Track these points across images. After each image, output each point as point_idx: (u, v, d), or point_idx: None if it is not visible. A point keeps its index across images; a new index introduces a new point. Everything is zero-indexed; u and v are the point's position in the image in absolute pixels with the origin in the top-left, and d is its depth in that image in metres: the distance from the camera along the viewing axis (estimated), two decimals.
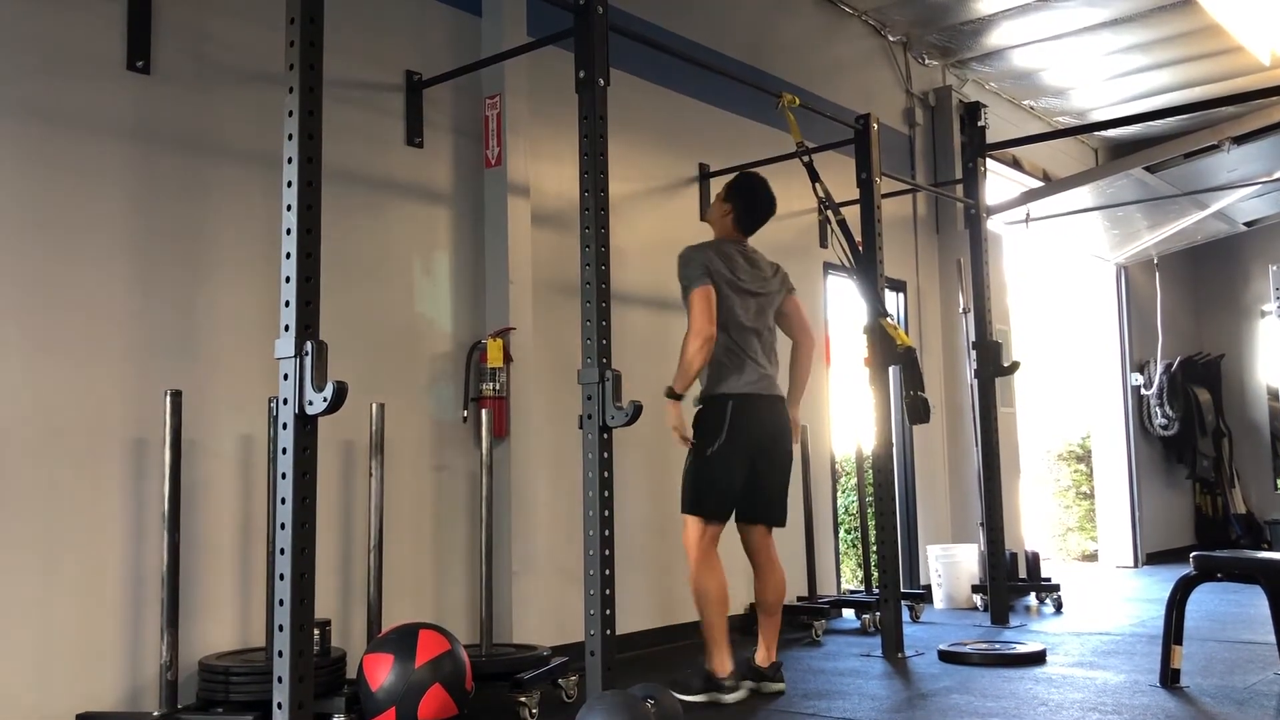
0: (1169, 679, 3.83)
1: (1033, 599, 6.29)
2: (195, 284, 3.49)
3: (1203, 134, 7.00)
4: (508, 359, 4.23)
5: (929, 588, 6.39)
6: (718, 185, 5.35)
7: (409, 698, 3.04)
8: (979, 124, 6.15)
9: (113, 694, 3.16)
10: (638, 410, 3.20)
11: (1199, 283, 10.13)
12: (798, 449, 4.58)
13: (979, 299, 5.89)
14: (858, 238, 4.62)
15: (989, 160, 6.38)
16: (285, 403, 2.61)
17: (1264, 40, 6.89)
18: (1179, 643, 3.84)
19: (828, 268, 6.21)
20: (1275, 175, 7.55)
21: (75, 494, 3.14)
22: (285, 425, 2.61)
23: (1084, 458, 9.59)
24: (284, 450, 2.61)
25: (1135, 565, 8.75)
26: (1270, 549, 8.91)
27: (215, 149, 3.58)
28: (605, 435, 3.27)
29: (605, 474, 3.25)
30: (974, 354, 5.93)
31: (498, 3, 4.43)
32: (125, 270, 3.32)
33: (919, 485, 6.74)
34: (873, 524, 4.95)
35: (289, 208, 2.66)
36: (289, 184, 2.67)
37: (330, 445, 3.67)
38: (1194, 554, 3.85)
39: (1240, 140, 6.83)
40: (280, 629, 2.56)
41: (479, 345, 4.25)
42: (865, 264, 4.58)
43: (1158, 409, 9.11)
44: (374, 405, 3.63)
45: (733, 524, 3.88)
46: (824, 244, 6.11)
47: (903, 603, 4.96)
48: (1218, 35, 6.77)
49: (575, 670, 3.67)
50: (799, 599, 5.40)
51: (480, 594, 3.84)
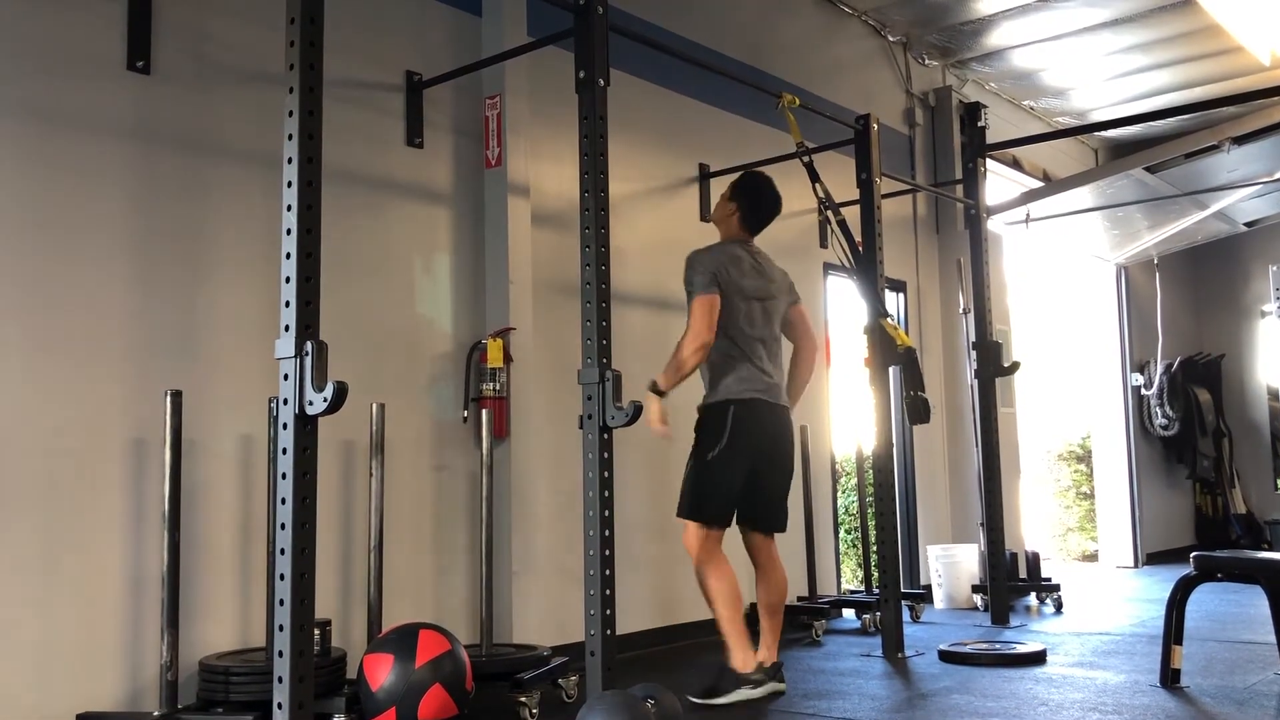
0: (1169, 679, 3.83)
1: (1033, 599, 6.29)
2: (195, 284, 3.49)
3: (1203, 134, 6.99)
4: (508, 359, 4.23)
5: (929, 588, 6.39)
6: (718, 185, 5.36)
7: (409, 698, 3.04)
8: (979, 124, 6.16)
9: (113, 694, 3.17)
10: (638, 410, 3.21)
11: (1199, 283, 10.13)
12: (797, 449, 4.57)
13: (979, 299, 5.89)
14: (858, 238, 4.61)
15: (989, 160, 6.39)
16: (285, 403, 2.61)
17: (1264, 40, 6.89)
18: (1179, 643, 3.84)
19: (828, 268, 6.21)
20: (1275, 175, 7.54)
21: (75, 494, 3.14)
22: (285, 425, 2.61)
23: (1084, 458, 9.59)
24: (284, 450, 2.61)
25: (1135, 565, 8.75)
26: (1270, 549, 8.90)
27: (215, 149, 3.59)
28: (605, 435, 3.27)
29: (605, 474, 3.25)
30: (974, 354, 5.93)
31: (498, 3, 4.43)
32: (125, 270, 3.33)
33: (919, 485, 6.74)
34: (873, 524, 4.95)
35: (289, 208, 2.67)
36: (289, 184, 2.67)
37: (330, 445, 3.67)
38: (1194, 554, 3.85)
39: (1240, 140, 6.83)
40: (280, 629, 2.56)
41: (479, 345, 4.25)
42: (865, 264, 4.58)
43: (1158, 409, 9.11)
44: (374, 405, 3.63)
45: (734, 524, 3.87)
46: (824, 244, 6.12)
47: (903, 603, 4.96)
48: (1218, 35, 6.77)
49: (575, 670, 3.67)
50: (799, 599, 5.40)
51: (480, 594, 3.84)
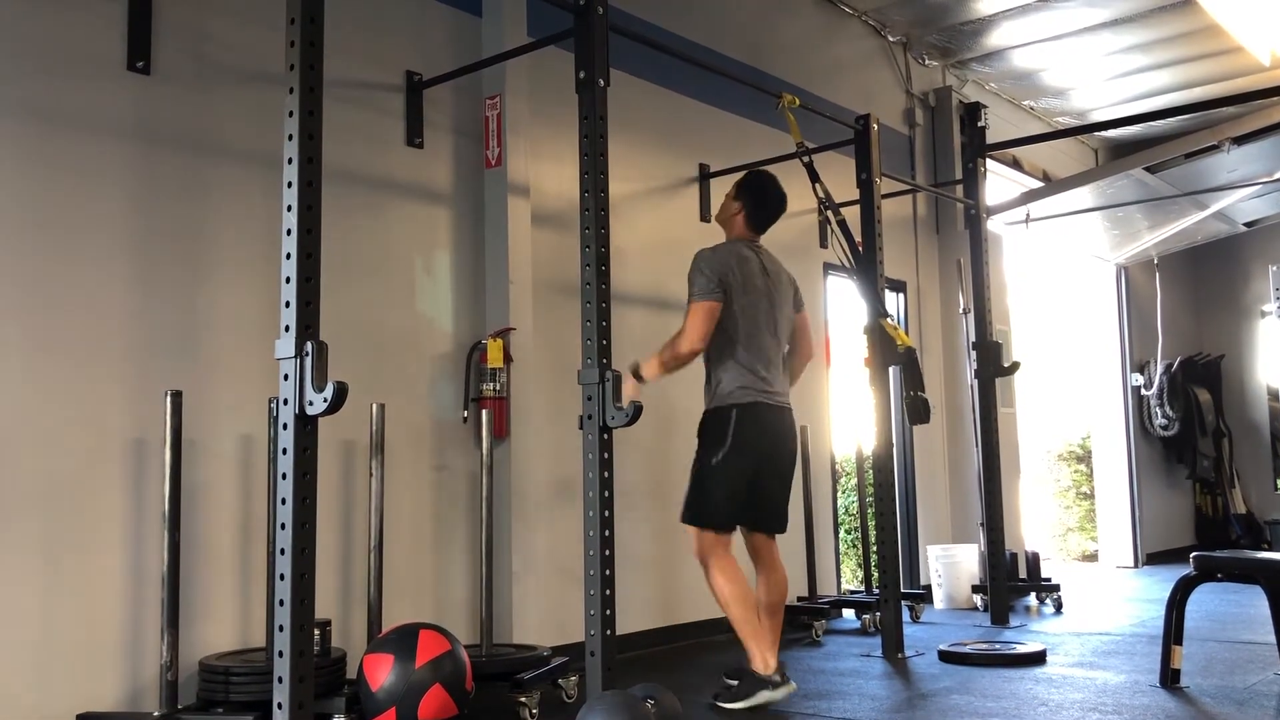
0: (1169, 679, 3.83)
1: (1033, 599, 6.29)
2: (195, 284, 3.49)
3: (1203, 134, 6.99)
4: (508, 359, 4.23)
5: (929, 588, 6.39)
6: (718, 185, 5.36)
7: (409, 698, 3.04)
8: (979, 124, 6.16)
9: (113, 694, 3.17)
10: (638, 411, 3.20)
11: (1199, 283, 10.13)
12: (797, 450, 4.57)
13: (979, 299, 5.89)
14: (858, 238, 4.61)
15: (989, 160, 6.39)
16: (285, 403, 2.61)
17: (1264, 40, 6.89)
18: (1179, 643, 3.84)
19: (828, 268, 6.21)
20: (1275, 175, 7.54)
21: (75, 494, 3.14)
22: (285, 425, 2.61)
23: (1084, 458, 9.59)
24: (284, 450, 2.61)
25: (1135, 565, 8.75)
26: (1270, 549, 8.90)
27: (215, 149, 3.59)
28: (605, 435, 3.27)
29: (605, 474, 3.25)
30: (974, 354, 5.93)
31: (498, 3, 4.43)
32: (125, 270, 3.33)
33: (919, 485, 6.74)
34: (873, 524, 4.95)
35: (289, 208, 2.66)
36: (289, 184, 2.67)
37: (330, 445, 3.68)
38: (1194, 554, 3.85)
39: (1240, 141, 6.83)
40: (280, 629, 2.56)
41: (479, 345, 4.25)
42: (865, 264, 4.57)
43: (1158, 409, 9.11)
44: (374, 405, 3.63)
45: None
46: (824, 244, 6.12)
47: (903, 603, 4.96)
48: (1218, 36, 6.77)
49: (575, 670, 3.67)
50: (799, 599, 5.40)
51: (480, 594, 3.84)
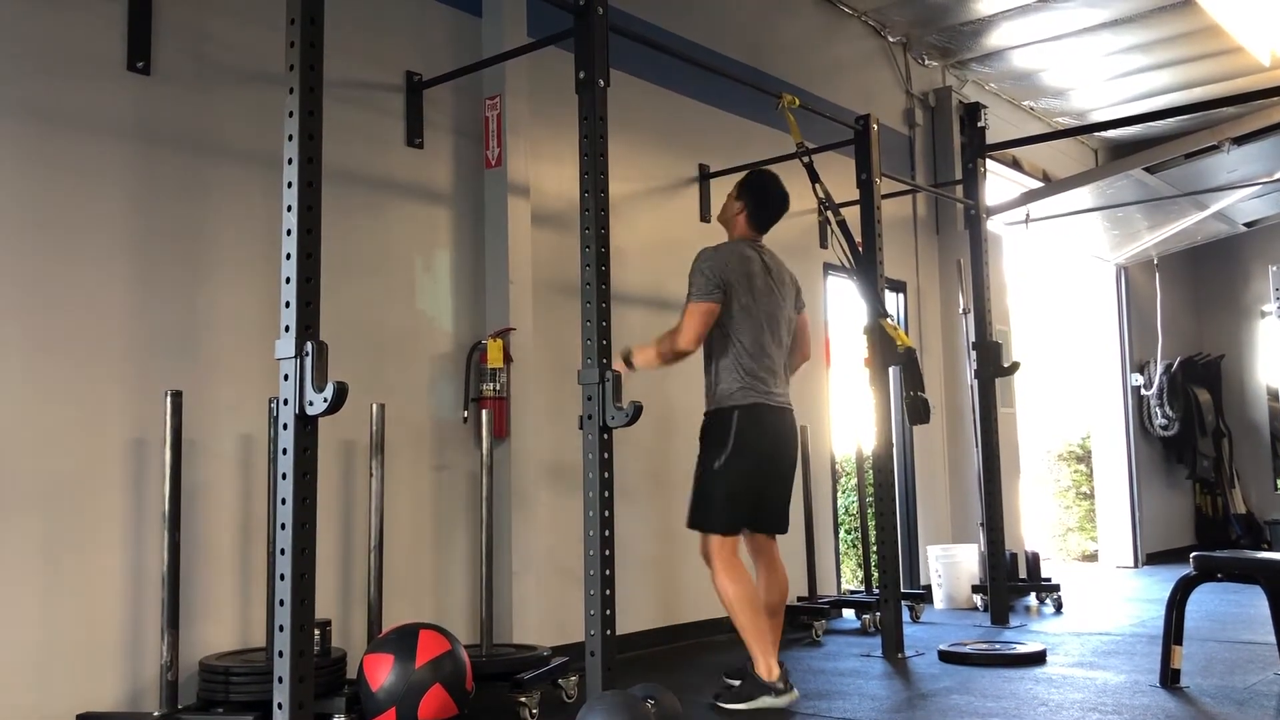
0: (1169, 679, 3.83)
1: (1033, 599, 6.29)
2: (195, 284, 3.49)
3: (1203, 134, 6.99)
4: (508, 359, 4.23)
5: (929, 588, 6.39)
6: (718, 186, 5.36)
7: (409, 698, 3.04)
8: (979, 124, 6.16)
9: (113, 694, 3.17)
10: (638, 411, 3.20)
11: (1199, 283, 10.13)
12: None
13: (979, 299, 5.90)
14: (858, 238, 4.61)
15: (989, 161, 6.39)
16: (285, 403, 2.61)
17: (1264, 41, 6.89)
18: (1179, 643, 3.84)
19: (828, 268, 6.21)
20: (1275, 176, 7.54)
21: (75, 494, 3.14)
22: (285, 426, 2.61)
23: (1084, 458, 9.59)
24: (284, 451, 2.61)
25: (1135, 565, 8.75)
26: (1270, 549, 8.90)
27: (215, 149, 3.59)
28: (605, 435, 3.27)
29: (605, 474, 3.25)
30: (974, 354, 5.93)
31: (498, 3, 4.43)
32: (125, 270, 3.33)
33: (919, 485, 6.74)
34: (873, 524, 4.95)
35: (289, 208, 2.66)
36: (289, 184, 2.67)
37: (330, 445, 3.68)
38: (1194, 554, 3.85)
39: (1240, 141, 6.83)
40: (280, 629, 2.56)
41: (479, 345, 4.25)
42: (865, 264, 4.57)
43: (1158, 409, 9.11)
44: (374, 406, 3.63)
45: None
46: (824, 244, 6.12)
47: (903, 603, 4.96)
48: (1218, 36, 6.77)
49: (575, 670, 3.67)
50: (799, 599, 5.40)
51: (480, 594, 3.84)
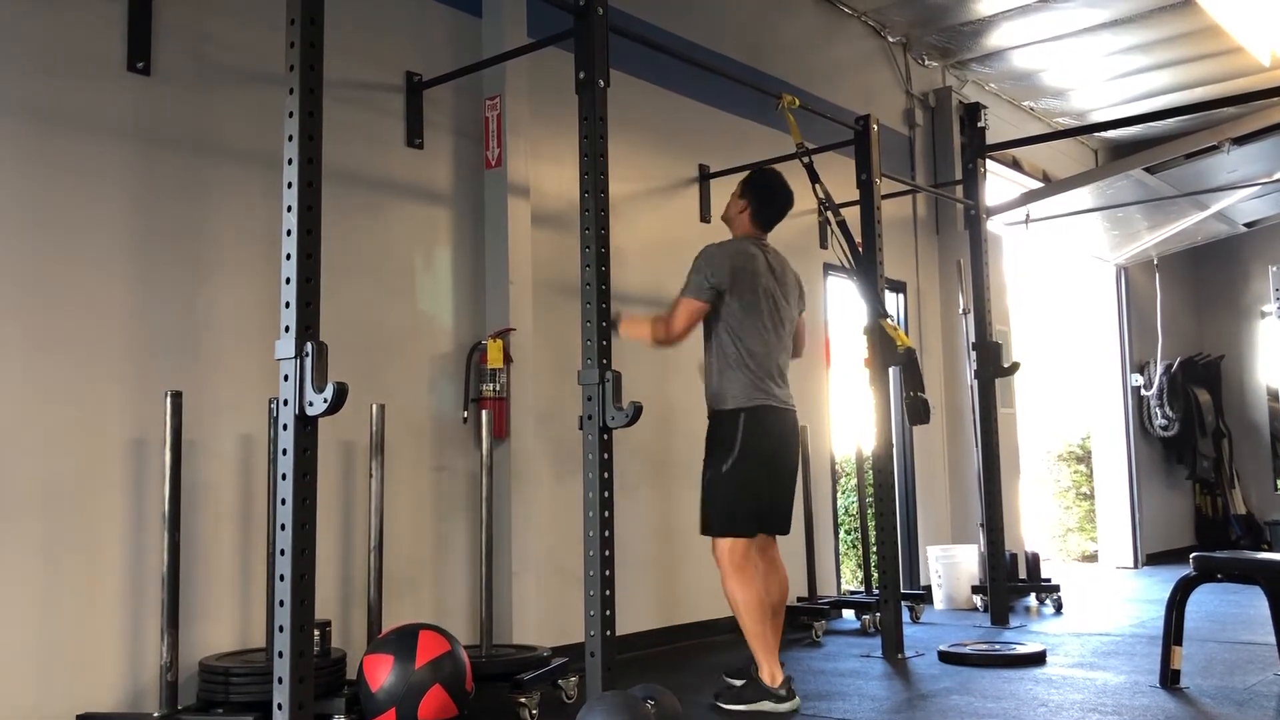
0: (1169, 680, 3.83)
1: (1033, 600, 6.29)
2: (195, 284, 3.49)
3: (1203, 135, 6.99)
4: (508, 360, 4.23)
5: (929, 588, 6.39)
6: (718, 186, 5.36)
7: (409, 698, 3.04)
8: (979, 125, 6.16)
9: (113, 695, 3.17)
10: (638, 411, 3.20)
11: (1199, 283, 10.13)
12: None
13: (979, 300, 5.89)
14: (858, 239, 4.61)
15: (989, 161, 6.39)
16: (285, 404, 2.61)
17: (1264, 41, 6.89)
18: (1179, 643, 3.84)
19: (828, 268, 6.21)
20: (1275, 176, 7.54)
21: (75, 494, 3.14)
22: (285, 426, 2.61)
23: (1084, 458, 9.59)
24: (284, 451, 2.61)
25: (1135, 566, 8.75)
26: (1270, 550, 8.91)
27: (215, 149, 3.58)
28: (605, 436, 3.27)
29: (605, 474, 3.25)
30: (974, 355, 5.93)
31: (498, 4, 4.43)
32: (125, 270, 3.32)
33: (919, 486, 6.74)
34: (873, 524, 4.95)
35: (289, 208, 2.66)
36: (289, 185, 2.67)
37: (330, 446, 3.68)
38: (1194, 555, 3.85)
39: (1240, 141, 6.83)
40: (280, 630, 2.56)
41: (479, 346, 4.25)
42: (865, 265, 4.57)
43: (1158, 410, 9.11)
44: (374, 406, 3.63)
45: None
46: (824, 245, 6.11)
47: (903, 603, 4.96)
48: (1218, 36, 6.77)
49: (575, 671, 3.67)
50: (799, 599, 5.40)
51: (480, 594, 3.84)
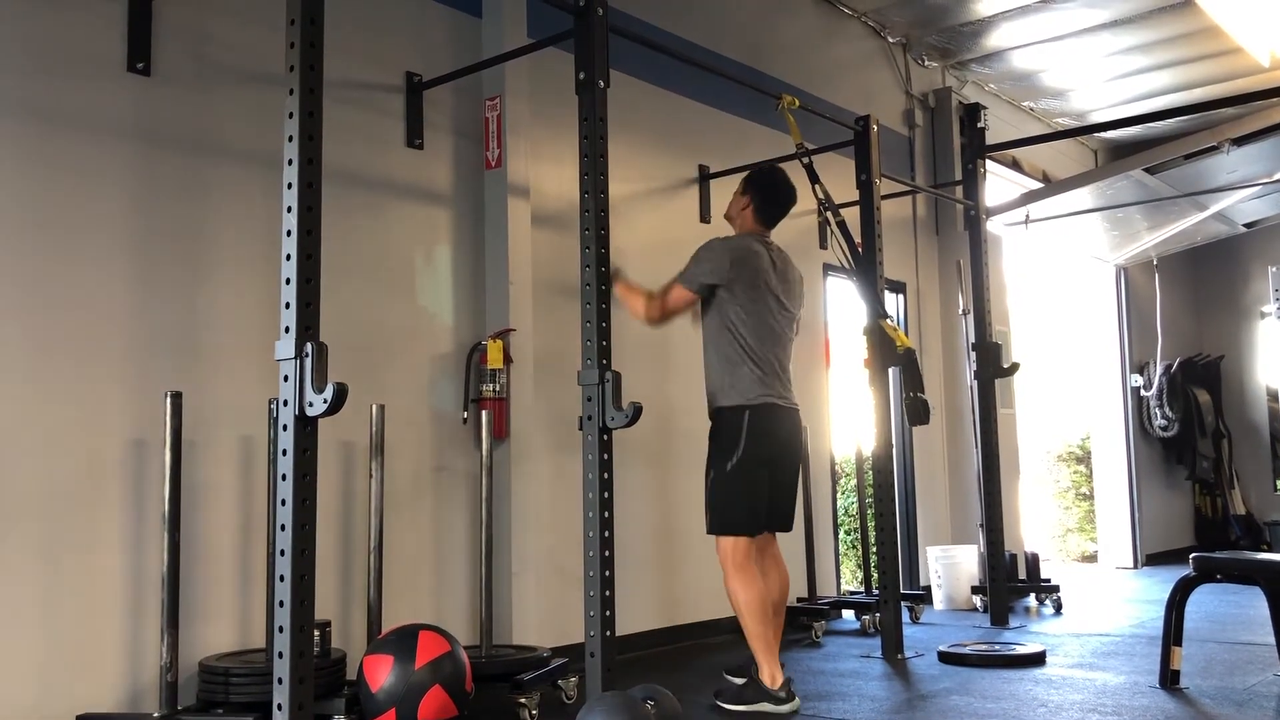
0: (1169, 680, 3.83)
1: (1032, 600, 6.29)
2: (195, 284, 3.49)
3: (1202, 135, 6.99)
4: (508, 360, 4.23)
5: (929, 589, 6.39)
6: (718, 186, 5.37)
7: (409, 699, 3.04)
8: (979, 125, 6.16)
9: (113, 695, 3.16)
10: (638, 411, 3.20)
11: (1199, 284, 10.14)
12: None
13: (979, 300, 5.90)
14: (857, 239, 4.61)
15: (989, 162, 6.39)
16: (285, 404, 2.61)
17: (1263, 42, 6.89)
18: (1178, 644, 3.85)
19: (827, 269, 6.21)
20: (1275, 176, 7.55)
21: (75, 494, 3.14)
22: (285, 427, 2.61)
23: (1084, 459, 9.59)
24: (284, 452, 2.61)
25: (1135, 566, 8.75)
26: (1270, 550, 8.91)
27: (215, 149, 3.58)
28: (605, 436, 3.27)
29: (605, 475, 3.25)
30: (974, 355, 5.93)
31: (498, 4, 4.43)
32: (125, 270, 3.32)
33: (919, 486, 6.74)
34: (872, 525, 4.95)
35: (289, 209, 2.66)
36: (289, 185, 2.67)
37: (330, 446, 3.68)
38: (1193, 555, 3.86)
39: (1240, 141, 6.83)
40: (280, 630, 2.56)
41: (479, 346, 4.25)
42: (865, 265, 4.57)
43: (1157, 410, 9.11)
44: (374, 406, 3.63)
45: None
46: (824, 245, 6.11)
47: (902, 604, 4.96)
48: (1217, 37, 6.77)
49: (575, 671, 3.67)
50: (799, 600, 5.40)
51: (480, 595, 3.84)
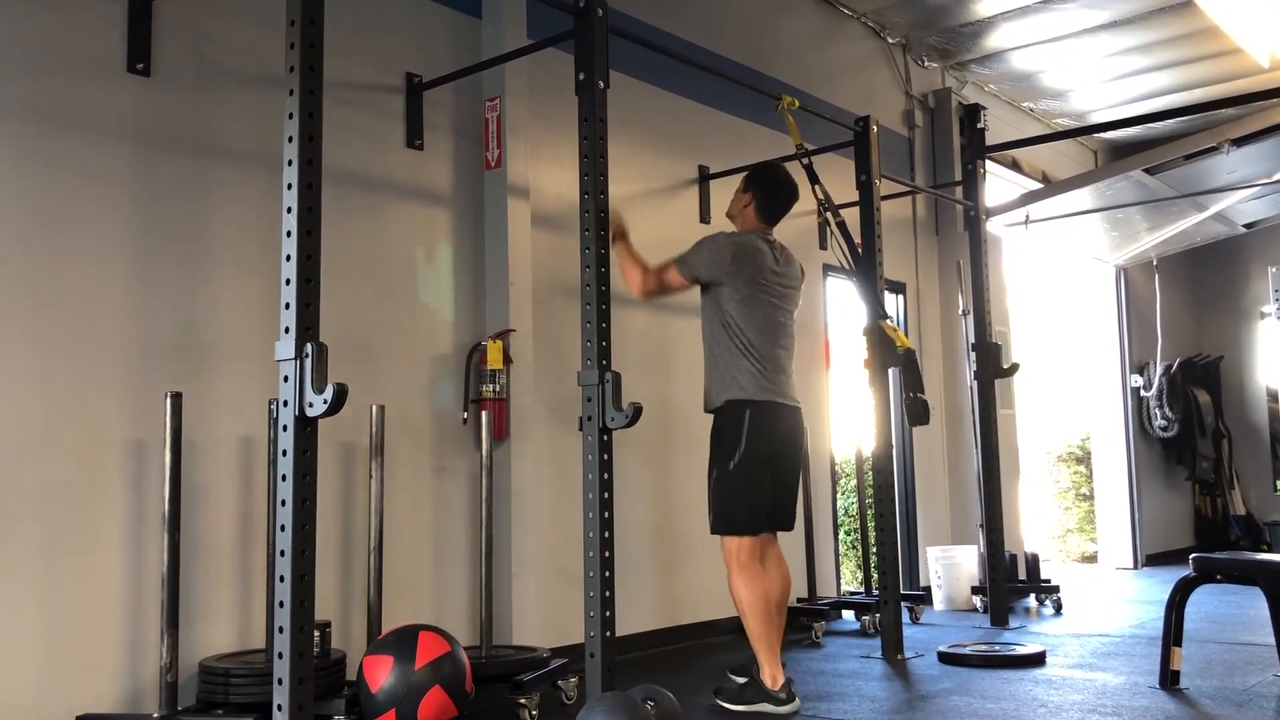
0: (1168, 680, 3.83)
1: (1032, 600, 6.29)
2: (195, 284, 3.49)
3: (1202, 136, 6.99)
4: (507, 360, 4.23)
5: (929, 589, 6.39)
6: (717, 187, 5.37)
7: (409, 699, 3.04)
8: (978, 126, 6.16)
9: (113, 695, 3.16)
10: (638, 412, 3.20)
11: (1198, 284, 10.14)
12: None
13: (978, 301, 5.90)
14: (857, 239, 4.61)
15: (988, 162, 6.39)
16: (285, 405, 2.61)
17: (1263, 42, 6.90)
18: (1178, 644, 3.85)
19: (827, 269, 6.21)
20: (1275, 177, 7.55)
21: (75, 494, 3.14)
22: (285, 427, 2.61)
23: (1084, 459, 9.59)
24: (284, 452, 2.61)
25: (1135, 567, 8.75)
26: (1270, 550, 8.91)
27: (215, 150, 3.59)
28: (605, 437, 3.27)
29: (605, 475, 3.25)
30: (973, 356, 5.93)
31: (498, 5, 4.43)
32: (125, 270, 3.33)
33: (919, 487, 6.74)
34: (872, 525, 4.95)
35: (289, 209, 2.67)
36: (289, 186, 2.67)
37: (330, 447, 3.68)
38: (1193, 555, 3.86)
39: (1239, 142, 6.83)
40: (280, 631, 2.56)
41: (479, 347, 4.25)
42: (865, 266, 4.58)
43: (1157, 410, 9.11)
44: (374, 407, 3.63)
45: None
46: (824, 246, 6.11)
47: (902, 604, 4.96)
48: (1217, 37, 6.78)
49: (575, 672, 3.67)
50: (799, 600, 5.40)
51: (480, 595, 3.85)
